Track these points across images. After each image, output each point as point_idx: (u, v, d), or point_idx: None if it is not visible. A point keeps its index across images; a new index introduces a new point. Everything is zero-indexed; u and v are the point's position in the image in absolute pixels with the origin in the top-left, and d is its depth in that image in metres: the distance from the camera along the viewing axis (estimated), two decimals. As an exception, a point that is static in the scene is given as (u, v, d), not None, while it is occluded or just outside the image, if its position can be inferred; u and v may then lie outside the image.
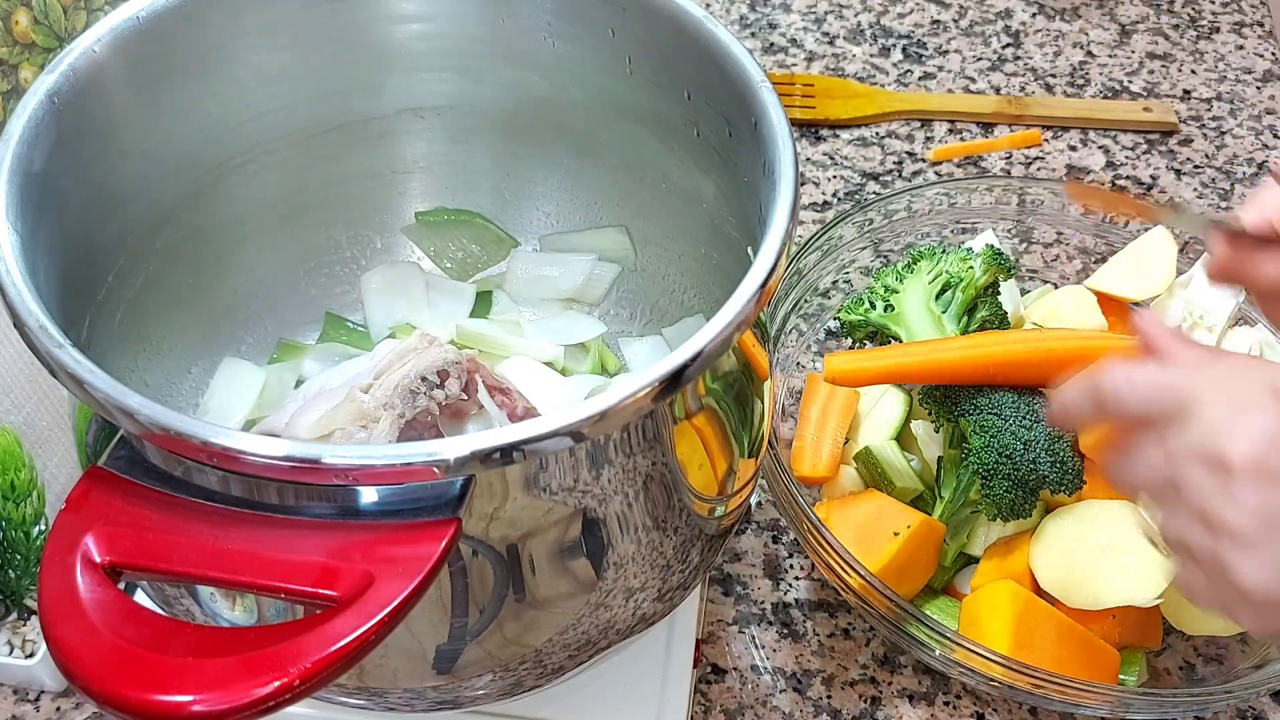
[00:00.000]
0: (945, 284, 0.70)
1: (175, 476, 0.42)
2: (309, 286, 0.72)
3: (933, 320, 0.69)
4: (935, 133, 1.00)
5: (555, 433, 0.40)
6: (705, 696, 0.68)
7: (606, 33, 0.60)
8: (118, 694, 0.37)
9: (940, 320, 0.69)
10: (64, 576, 0.39)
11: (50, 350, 0.42)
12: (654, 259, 0.71)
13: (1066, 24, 1.10)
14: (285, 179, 0.66)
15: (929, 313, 0.70)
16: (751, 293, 0.44)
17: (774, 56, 1.06)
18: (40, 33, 0.74)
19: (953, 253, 0.71)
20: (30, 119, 0.49)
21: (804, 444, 0.72)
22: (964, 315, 0.69)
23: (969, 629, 0.64)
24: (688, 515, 0.51)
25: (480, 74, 0.65)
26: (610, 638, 0.53)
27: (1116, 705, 0.60)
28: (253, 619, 0.48)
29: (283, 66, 0.62)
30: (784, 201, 0.48)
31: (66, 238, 0.51)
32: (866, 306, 0.72)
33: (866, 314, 0.72)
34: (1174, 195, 0.96)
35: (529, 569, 0.47)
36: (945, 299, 0.70)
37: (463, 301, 0.73)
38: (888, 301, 0.71)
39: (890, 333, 0.71)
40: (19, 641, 0.65)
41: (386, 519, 0.41)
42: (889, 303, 0.71)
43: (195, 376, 0.67)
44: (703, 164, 0.60)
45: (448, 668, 0.50)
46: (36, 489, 0.64)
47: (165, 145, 0.59)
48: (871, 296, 0.72)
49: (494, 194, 0.73)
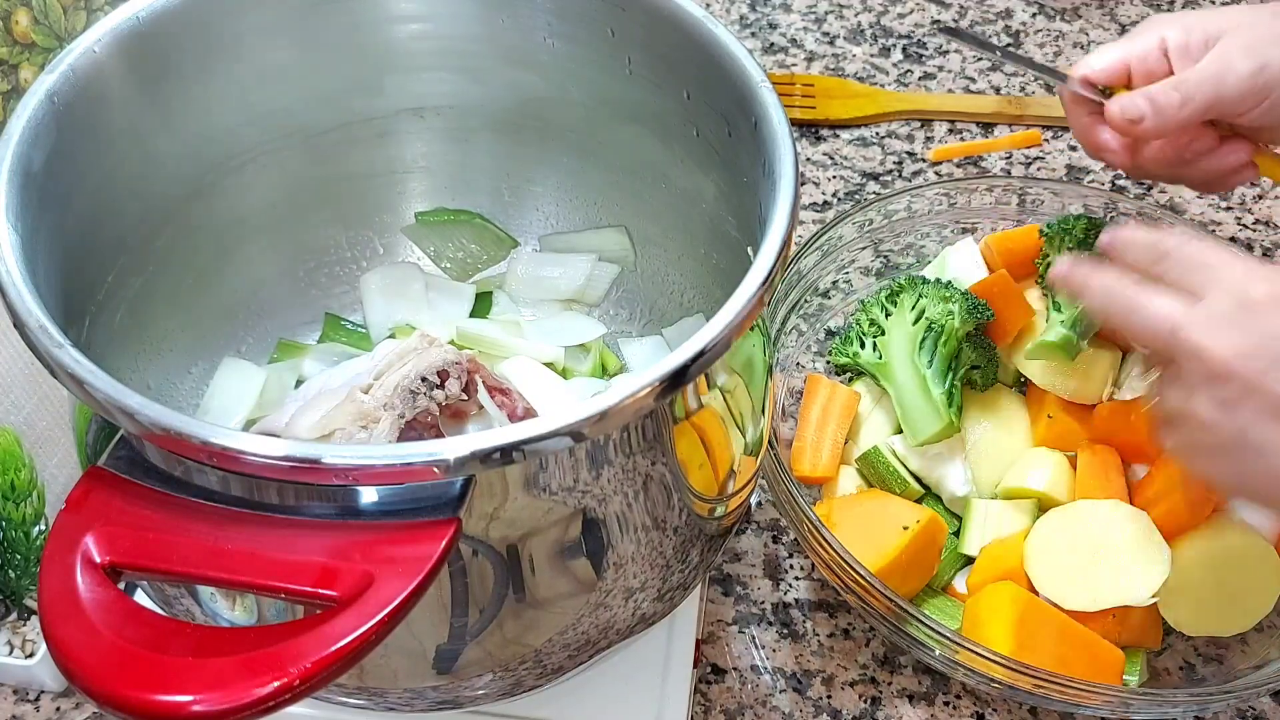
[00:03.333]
0: (927, 327, 0.70)
1: (175, 476, 0.42)
2: (309, 286, 0.72)
3: (918, 380, 0.70)
4: (935, 133, 1.00)
5: (555, 433, 0.40)
6: (705, 696, 0.68)
7: (606, 33, 0.60)
8: (118, 694, 0.37)
9: (925, 380, 0.70)
10: (64, 576, 0.39)
11: (50, 350, 0.42)
12: (654, 259, 0.71)
13: (1066, 24, 1.10)
14: (285, 179, 0.66)
15: (913, 366, 0.70)
16: (751, 293, 0.44)
17: (774, 56, 1.06)
18: (40, 33, 0.74)
19: (933, 288, 0.71)
20: (30, 119, 0.49)
21: (804, 444, 0.72)
22: (948, 369, 0.70)
23: (971, 630, 0.64)
24: (688, 515, 0.51)
25: (480, 74, 0.65)
26: (610, 638, 0.53)
27: (1117, 705, 0.60)
28: (253, 619, 0.48)
29: (283, 66, 0.62)
30: (784, 201, 0.48)
31: (66, 238, 0.51)
32: (856, 348, 0.72)
33: (855, 357, 0.73)
34: (1173, 195, 0.96)
35: (529, 569, 0.47)
36: (928, 348, 0.70)
37: (463, 302, 0.73)
38: (875, 343, 0.72)
39: (880, 384, 0.72)
40: (19, 641, 0.65)
41: (386, 519, 0.41)
42: (876, 345, 0.72)
43: (195, 376, 0.67)
44: (703, 164, 0.60)
45: (448, 668, 0.50)
46: (36, 489, 0.64)
47: (165, 145, 0.59)
48: (861, 334, 0.72)
49: (494, 194, 0.73)
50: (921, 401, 0.70)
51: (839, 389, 0.74)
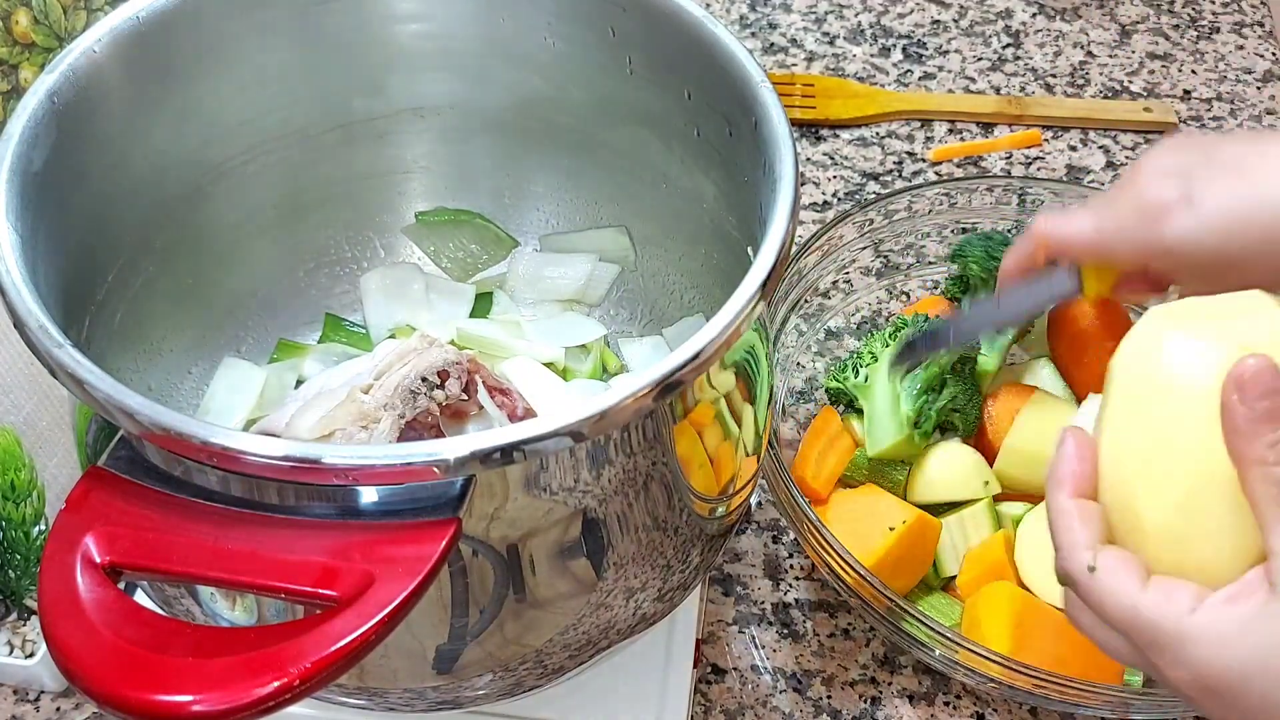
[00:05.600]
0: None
1: (175, 476, 0.42)
2: (309, 286, 0.72)
3: (893, 398, 0.70)
4: (935, 133, 1.00)
5: (555, 433, 0.40)
6: (705, 696, 0.68)
7: (606, 33, 0.60)
8: (118, 694, 0.37)
9: (899, 399, 0.70)
10: (64, 576, 0.39)
11: (50, 350, 0.42)
12: (654, 259, 0.71)
13: (1067, 24, 1.10)
14: (285, 179, 0.66)
15: (892, 388, 0.70)
16: (751, 293, 0.44)
17: (774, 56, 1.06)
18: (40, 33, 0.74)
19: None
20: (30, 119, 0.49)
21: (805, 462, 0.72)
22: (926, 394, 0.70)
23: (970, 630, 0.64)
24: (688, 515, 0.51)
25: (480, 74, 0.65)
26: (610, 638, 0.53)
27: (1117, 705, 0.60)
28: (253, 619, 0.48)
29: (283, 66, 0.62)
30: (784, 201, 0.48)
31: (66, 238, 0.51)
32: (849, 374, 0.72)
33: (845, 381, 0.73)
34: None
35: (529, 569, 0.47)
36: (913, 375, 0.70)
37: (463, 302, 0.73)
38: (867, 371, 0.72)
39: (857, 405, 0.72)
40: (19, 641, 0.65)
41: (386, 519, 0.41)
42: (867, 372, 0.72)
43: (195, 377, 0.67)
44: (703, 164, 0.60)
45: (448, 668, 0.50)
46: (36, 489, 0.64)
47: (165, 145, 0.59)
48: (857, 362, 0.73)
49: (494, 194, 0.73)
50: (888, 414, 0.70)
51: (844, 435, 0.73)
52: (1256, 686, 0.40)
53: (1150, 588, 0.42)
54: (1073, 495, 0.45)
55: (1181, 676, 0.41)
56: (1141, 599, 0.42)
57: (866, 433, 0.71)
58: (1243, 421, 0.40)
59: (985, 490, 0.69)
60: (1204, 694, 0.41)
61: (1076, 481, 0.45)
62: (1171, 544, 0.43)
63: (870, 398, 0.71)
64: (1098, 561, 0.43)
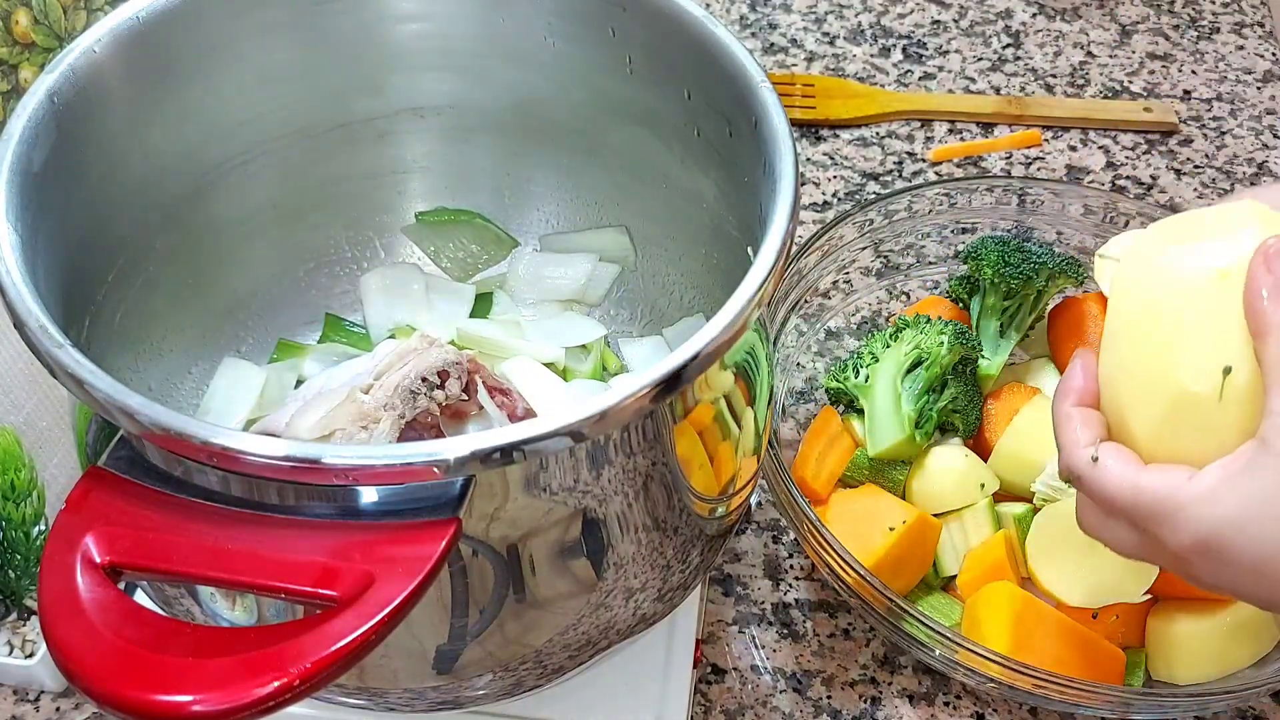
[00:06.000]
0: (918, 358, 0.70)
1: (175, 476, 0.42)
2: (309, 287, 0.72)
3: (894, 398, 0.70)
4: (935, 133, 1.00)
5: (555, 433, 0.40)
6: (705, 696, 0.68)
7: (606, 33, 0.60)
8: (118, 694, 0.37)
9: (900, 399, 0.70)
10: (64, 576, 0.39)
11: (50, 350, 0.42)
12: (654, 259, 0.71)
13: (1067, 24, 1.10)
14: (285, 179, 0.66)
15: (893, 385, 0.70)
16: (751, 293, 0.44)
17: (774, 56, 1.06)
18: (40, 33, 0.74)
19: (933, 325, 0.71)
20: (30, 119, 0.49)
21: (805, 462, 0.72)
22: (927, 394, 0.70)
23: (970, 630, 0.64)
24: (688, 515, 0.51)
25: (480, 74, 0.65)
26: (610, 638, 0.53)
27: (1117, 705, 0.60)
28: (253, 619, 0.48)
29: (283, 66, 0.62)
30: (784, 201, 0.48)
31: (66, 238, 0.51)
32: (850, 374, 0.72)
33: (845, 381, 0.72)
34: (1174, 196, 0.96)
35: (529, 569, 0.47)
36: (914, 374, 0.70)
37: (463, 302, 0.73)
38: (867, 371, 0.72)
39: (858, 404, 0.72)
40: (19, 641, 0.65)
41: (386, 519, 0.41)
42: (868, 372, 0.72)
43: (195, 377, 0.66)
44: (703, 164, 0.60)
45: (448, 668, 0.50)
46: (36, 489, 0.64)
47: (165, 145, 0.59)
48: (858, 362, 0.72)
49: (494, 194, 0.72)
50: (889, 414, 0.70)
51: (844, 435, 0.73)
52: (1249, 533, 0.43)
53: (1149, 469, 0.46)
54: (1076, 405, 0.49)
55: (1182, 540, 0.44)
56: (1142, 476, 0.46)
57: (867, 433, 0.71)
58: (1270, 288, 0.43)
59: (982, 493, 0.69)
60: (1202, 556, 0.44)
61: (1080, 395, 0.50)
62: (1159, 448, 0.47)
63: (871, 398, 0.71)
64: (1100, 452, 0.47)
